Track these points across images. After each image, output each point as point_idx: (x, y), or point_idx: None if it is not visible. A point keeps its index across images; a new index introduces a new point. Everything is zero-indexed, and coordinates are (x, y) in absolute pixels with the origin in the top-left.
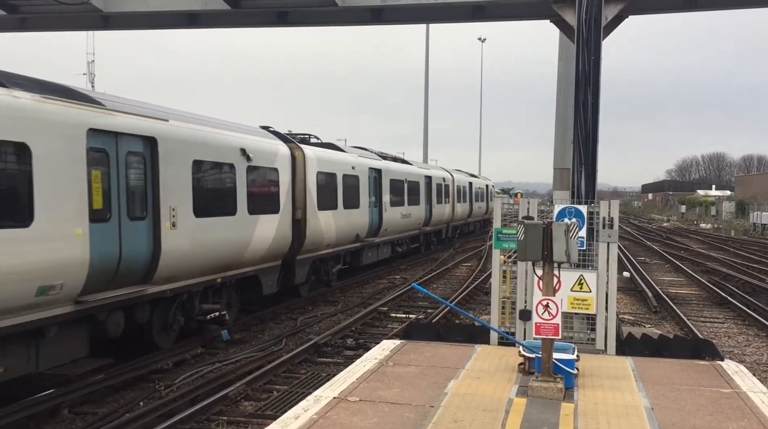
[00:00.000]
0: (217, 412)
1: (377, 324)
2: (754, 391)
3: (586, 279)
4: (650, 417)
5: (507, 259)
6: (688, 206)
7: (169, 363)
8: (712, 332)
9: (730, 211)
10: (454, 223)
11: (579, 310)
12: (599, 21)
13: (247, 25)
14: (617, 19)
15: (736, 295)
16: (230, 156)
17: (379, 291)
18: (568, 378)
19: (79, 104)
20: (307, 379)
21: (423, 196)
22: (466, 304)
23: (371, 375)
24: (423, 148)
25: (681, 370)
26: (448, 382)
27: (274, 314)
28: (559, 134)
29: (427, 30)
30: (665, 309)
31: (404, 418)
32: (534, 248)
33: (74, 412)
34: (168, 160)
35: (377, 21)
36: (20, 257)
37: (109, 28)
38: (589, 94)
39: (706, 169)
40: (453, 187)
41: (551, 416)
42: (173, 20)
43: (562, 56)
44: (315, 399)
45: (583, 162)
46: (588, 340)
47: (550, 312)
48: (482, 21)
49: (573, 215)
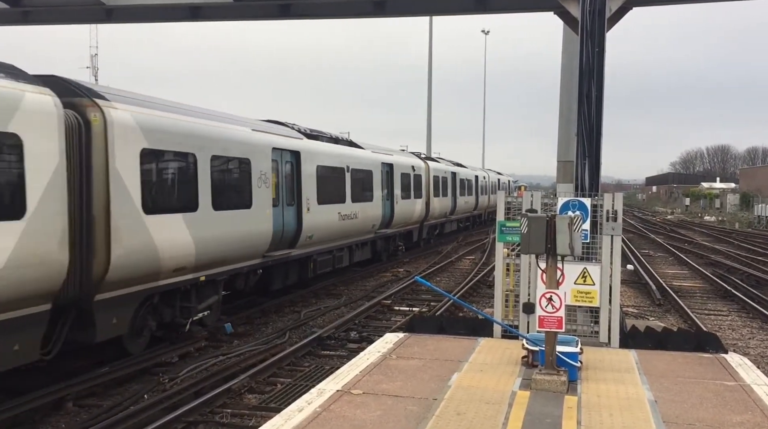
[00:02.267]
0: (221, 404)
1: (380, 317)
2: (758, 384)
3: (589, 272)
4: (654, 410)
5: (510, 252)
6: (693, 199)
7: (173, 356)
8: (716, 325)
9: (734, 203)
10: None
11: (582, 303)
12: (603, 12)
13: (249, 17)
14: (621, 11)
15: (740, 287)
16: (338, 161)
17: (383, 284)
18: (572, 371)
19: (267, 132)
20: (310, 372)
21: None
22: (469, 297)
23: (374, 368)
24: (426, 140)
25: (685, 363)
26: (451, 375)
27: (278, 307)
28: (562, 127)
29: (431, 21)
30: (669, 302)
31: (407, 411)
32: (537, 241)
33: (79, 405)
34: (305, 166)
35: (380, 13)
36: (257, 227)
37: (112, 21)
38: (592, 86)
39: (711, 161)
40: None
41: (554, 409)
42: (176, 13)
43: (566, 48)
44: (318, 392)
45: (587, 154)
46: (591, 333)
47: (554, 305)
48: (485, 13)
49: (576, 208)
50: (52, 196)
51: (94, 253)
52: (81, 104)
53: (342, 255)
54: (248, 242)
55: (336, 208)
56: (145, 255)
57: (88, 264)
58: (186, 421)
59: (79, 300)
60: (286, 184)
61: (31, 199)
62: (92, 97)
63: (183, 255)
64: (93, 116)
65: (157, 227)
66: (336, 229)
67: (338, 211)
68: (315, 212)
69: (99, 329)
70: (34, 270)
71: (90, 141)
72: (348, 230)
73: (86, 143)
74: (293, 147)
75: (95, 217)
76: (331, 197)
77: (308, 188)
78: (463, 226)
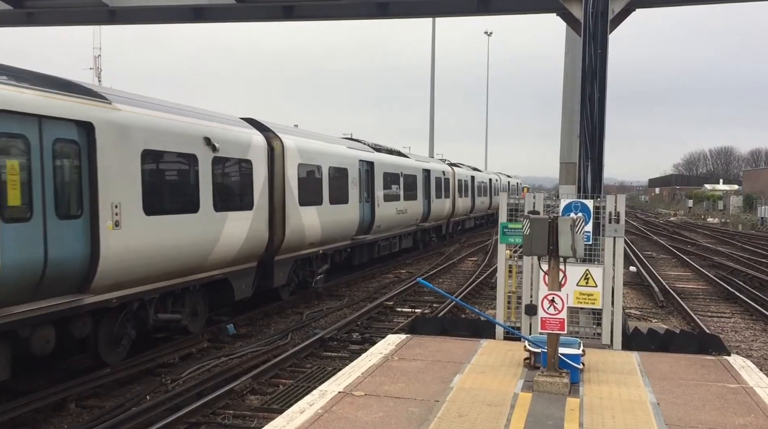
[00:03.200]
0: (223, 405)
1: (383, 318)
2: (760, 386)
3: (592, 274)
4: (656, 412)
5: (513, 254)
6: (696, 200)
7: (176, 357)
8: (719, 327)
9: (737, 205)
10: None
11: (585, 305)
12: (606, 14)
13: (252, 19)
14: (624, 12)
15: (743, 289)
16: (395, 169)
17: (385, 285)
18: (574, 373)
19: (354, 148)
20: (312, 373)
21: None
22: (471, 298)
23: (376, 369)
24: (429, 142)
25: (687, 365)
26: (453, 377)
27: (280, 308)
28: (565, 128)
29: (434, 23)
30: (672, 304)
31: (409, 413)
32: (540, 243)
33: (81, 406)
34: (376, 173)
35: (383, 15)
36: (351, 217)
37: (115, 22)
38: (595, 88)
39: (714, 163)
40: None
41: (557, 411)
42: (179, 14)
43: (569, 50)
44: (320, 393)
45: (590, 156)
46: (594, 335)
47: (556, 307)
48: (488, 14)
49: (579, 210)
50: (263, 195)
51: (275, 230)
52: (268, 137)
53: (396, 241)
54: (346, 227)
55: (394, 205)
56: (299, 233)
57: (273, 237)
58: (188, 422)
59: (267, 260)
60: (365, 186)
61: (255, 198)
62: (273, 131)
63: (315, 234)
64: (276, 144)
65: (304, 215)
66: (394, 220)
67: (396, 207)
68: (382, 208)
69: (275, 279)
70: (255, 241)
71: (273, 160)
72: (401, 222)
73: (271, 161)
74: (369, 158)
75: (276, 208)
76: (392, 196)
77: (378, 189)
78: (479, 223)
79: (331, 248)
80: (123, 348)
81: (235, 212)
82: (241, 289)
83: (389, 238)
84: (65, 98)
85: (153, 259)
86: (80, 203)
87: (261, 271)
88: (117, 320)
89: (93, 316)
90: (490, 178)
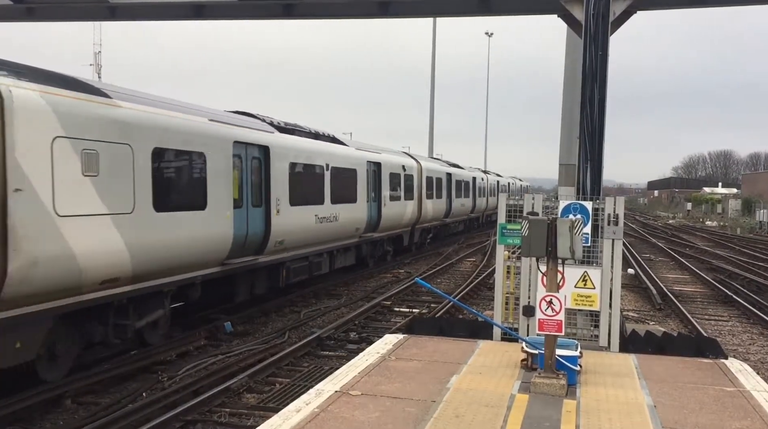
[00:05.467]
0: (219, 404)
1: (380, 318)
2: (757, 390)
3: (590, 275)
4: (653, 415)
5: (511, 255)
6: (695, 204)
7: (173, 354)
8: (717, 330)
9: (736, 208)
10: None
11: (583, 307)
12: (607, 16)
13: (252, 17)
14: (625, 14)
15: (741, 293)
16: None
17: (383, 285)
18: (571, 375)
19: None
20: (309, 372)
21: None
22: (469, 299)
23: (373, 369)
24: (429, 142)
25: (684, 368)
26: (450, 377)
27: (277, 307)
28: (565, 130)
29: (434, 23)
30: (669, 306)
31: (406, 413)
32: (538, 244)
33: (77, 402)
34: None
35: (384, 14)
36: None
37: (116, 18)
38: (595, 89)
39: (713, 166)
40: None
41: (553, 413)
42: (179, 11)
43: (569, 52)
44: (317, 392)
45: (589, 158)
46: (591, 337)
47: (554, 308)
48: (489, 15)
49: (578, 211)
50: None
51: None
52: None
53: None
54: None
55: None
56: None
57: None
58: (184, 420)
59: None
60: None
61: (410, 191)
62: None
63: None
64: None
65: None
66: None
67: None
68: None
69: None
70: (415, 215)
71: None
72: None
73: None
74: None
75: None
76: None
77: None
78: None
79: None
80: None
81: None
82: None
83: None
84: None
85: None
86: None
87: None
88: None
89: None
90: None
